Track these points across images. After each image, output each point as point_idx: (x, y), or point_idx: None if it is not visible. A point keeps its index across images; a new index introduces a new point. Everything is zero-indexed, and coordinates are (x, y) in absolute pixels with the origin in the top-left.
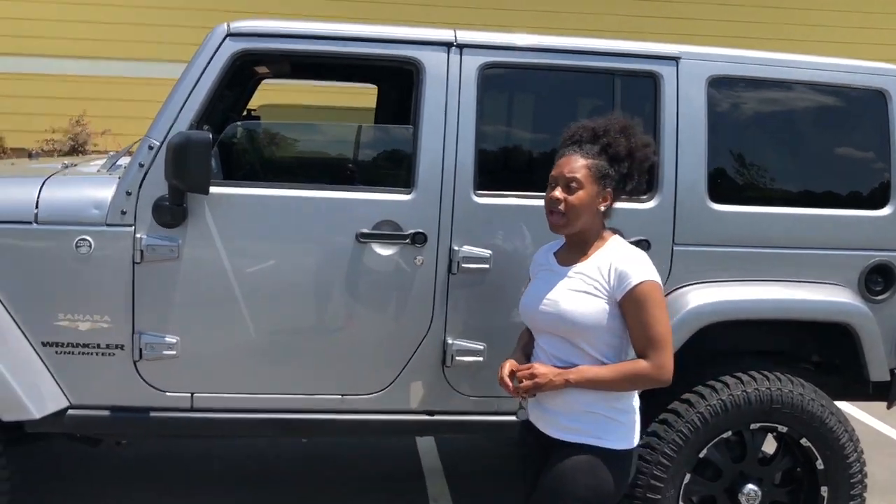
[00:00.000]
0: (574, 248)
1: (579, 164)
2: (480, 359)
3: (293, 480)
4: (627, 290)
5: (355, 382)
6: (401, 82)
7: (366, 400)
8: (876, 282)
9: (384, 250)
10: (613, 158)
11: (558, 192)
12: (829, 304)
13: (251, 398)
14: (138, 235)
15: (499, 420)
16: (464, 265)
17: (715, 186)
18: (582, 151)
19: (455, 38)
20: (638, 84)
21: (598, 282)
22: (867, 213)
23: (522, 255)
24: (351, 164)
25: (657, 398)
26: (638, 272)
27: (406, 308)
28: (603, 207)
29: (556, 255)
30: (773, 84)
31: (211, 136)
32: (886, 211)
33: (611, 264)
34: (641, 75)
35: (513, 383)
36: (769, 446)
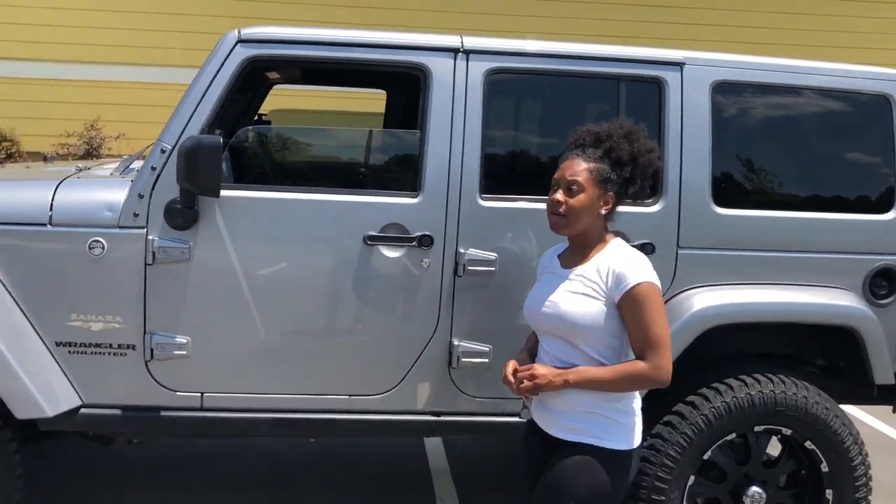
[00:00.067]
0: (576, 251)
1: (581, 168)
2: (486, 360)
3: (301, 480)
4: (625, 291)
5: (362, 383)
6: (409, 88)
7: (372, 400)
8: (880, 286)
9: (391, 253)
10: (616, 163)
11: (559, 195)
12: (833, 308)
13: (259, 398)
14: (150, 237)
15: (504, 421)
16: (470, 268)
17: (719, 190)
18: (585, 155)
19: (461, 44)
20: (642, 89)
21: (596, 284)
22: (872, 218)
23: (527, 257)
24: (358, 167)
25: (662, 400)
26: (635, 274)
27: (413, 310)
28: (604, 211)
29: (559, 257)
30: (776, 89)
31: (221, 140)
32: (891, 215)
33: (609, 266)
34: (646, 80)
35: (515, 382)
36: (774, 449)
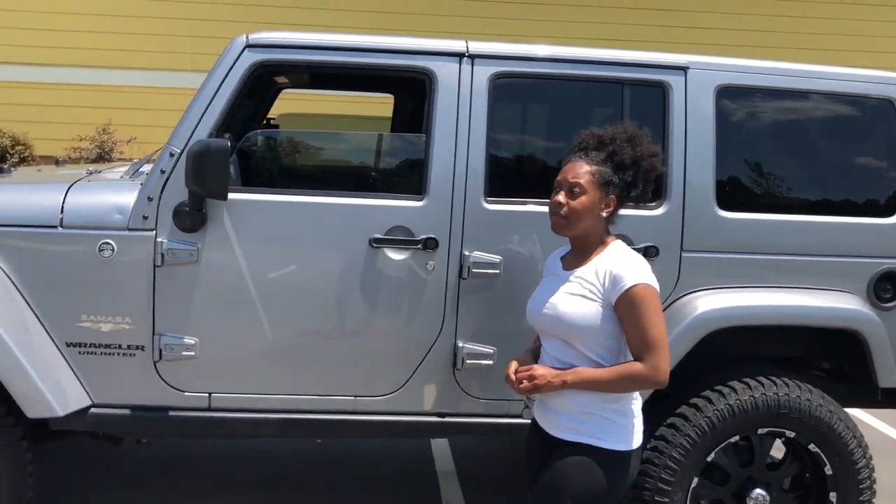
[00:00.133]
0: (577, 253)
1: (583, 171)
2: (490, 362)
3: (308, 480)
4: (621, 292)
5: (368, 384)
6: (415, 92)
7: (378, 401)
8: (885, 289)
9: (397, 255)
10: (618, 166)
11: (561, 197)
12: (837, 311)
13: (266, 398)
14: (159, 240)
15: (508, 423)
16: (474, 270)
17: (723, 194)
18: (587, 158)
19: (467, 48)
20: (647, 93)
21: (594, 285)
22: (876, 221)
23: (532, 260)
24: (365, 171)
25: (666, 402)
26: (632, 275)
27: (418, 312)
28: (605, 213)
29: (562, 259)
30: (780, 93)
31: (230, 143)
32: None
33: (606, 268)
34: (650, 85)
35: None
36: (778, 451)
